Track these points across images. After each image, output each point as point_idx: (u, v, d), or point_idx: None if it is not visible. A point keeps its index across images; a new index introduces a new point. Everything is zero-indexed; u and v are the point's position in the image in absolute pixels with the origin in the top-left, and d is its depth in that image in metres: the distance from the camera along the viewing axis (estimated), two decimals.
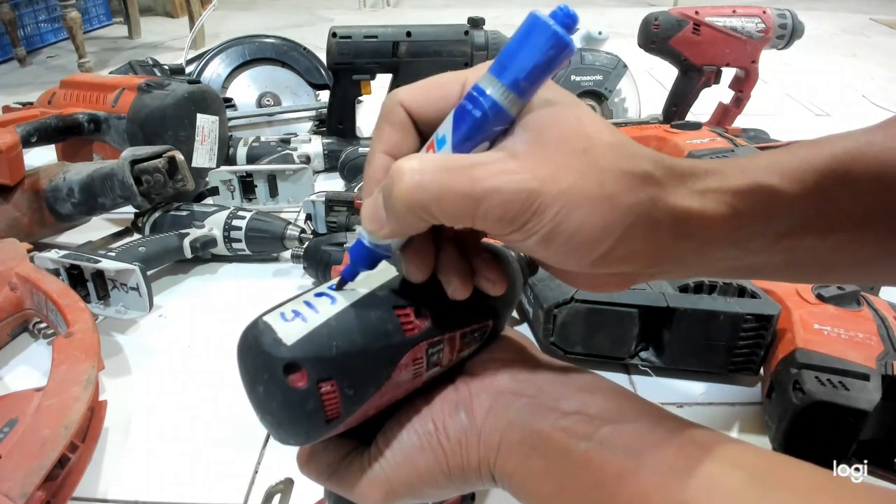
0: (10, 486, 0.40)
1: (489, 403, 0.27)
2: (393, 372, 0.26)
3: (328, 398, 0.24)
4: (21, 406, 0.47)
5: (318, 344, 0.24)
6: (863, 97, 1.48)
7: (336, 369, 0.24)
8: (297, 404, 0.24)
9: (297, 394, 0.24)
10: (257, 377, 0.25)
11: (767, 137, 1.04)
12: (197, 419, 0.56)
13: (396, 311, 0.26)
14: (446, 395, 0.28)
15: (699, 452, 0.23)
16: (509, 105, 0.22)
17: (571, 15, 0.21)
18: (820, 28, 2.15)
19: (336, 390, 0.24)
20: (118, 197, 0.75)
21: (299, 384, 0.24)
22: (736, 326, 0.56)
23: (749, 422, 0.55)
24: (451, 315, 0.27)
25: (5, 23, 1.81)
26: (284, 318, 0.25)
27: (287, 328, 0.24)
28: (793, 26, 1.05)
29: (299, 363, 0.24)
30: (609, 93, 1.12)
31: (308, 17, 2.49)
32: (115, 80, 0.91)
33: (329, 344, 0.24)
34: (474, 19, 1.04)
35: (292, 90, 1.21)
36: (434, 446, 0.27)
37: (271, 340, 0.24)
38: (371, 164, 0.26)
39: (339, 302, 0.26)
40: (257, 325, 0.25)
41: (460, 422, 0.27)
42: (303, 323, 0.25)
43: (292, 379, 0.24)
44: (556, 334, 0.59)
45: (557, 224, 0.21)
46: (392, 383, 0.26)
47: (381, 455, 0.27)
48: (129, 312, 0.66)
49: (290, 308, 0.25)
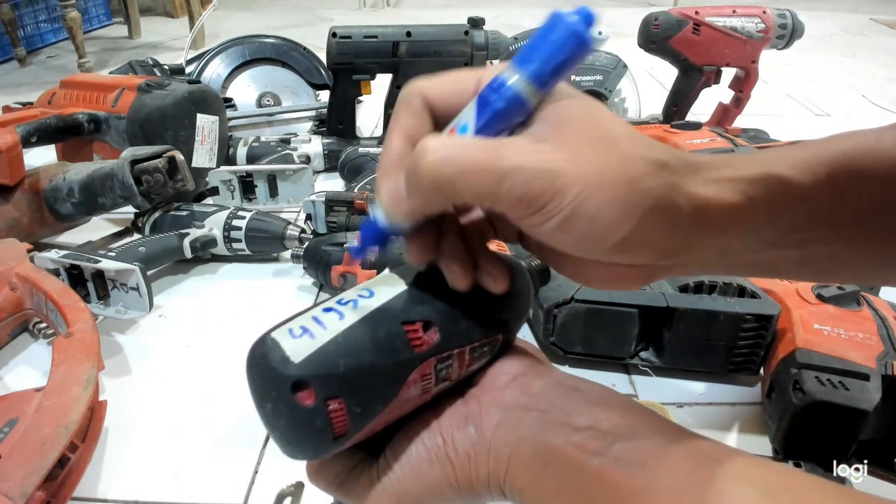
0: (11, 486, 0.40)
1: (499, 418, 0.27)
2: (401, 388, 0.26)
3: (336, 416, 0.24)
4: (21, 406, 0.47)
5: (326, 361, 0.24)
6: (863, 97, 1.48)
7: (344, 387, 0.24)
8: (304, 422, 0.24)
9: (305, 412, 0.24)
10: (265, 394, 0.25)
11: (767, 137, 1.04)
12: (197, 419, 0.56)
13: (405, 327, 0.26)
14: (455, 409, 0.28)
15: (713, 469, 0.23)
16: (530, 96, 0.23)
17: (591, 15, 0.22)
18: (820, 28, 2.15)
19: (344, 408, 0.24)
20: (118, 197, 0.75)
21: (307, 402, 0.24)
22: (736, 326, 0.55)
23: (749, 422, 0.55)
24: (460, 329, 0.27)
25: (5, 23, 1.81)
26: (292, 335, 0.25)
27: (295, 345, 0.24)
28: (793, 26, 1.05)
29: (307, 381, 0.24)
30: (609, 93, 1.12)
31: (308, 17, 2.49)
32: (115, 80, 0.91)
33: (337, 361, 0.24)
34: (474, 19, 1.04)
35: (292, 90, 1.21)
36: (442, 459, 0.27)
37: (279, 358, 0.24)
38: (389, 145, 0.26)
39: (348, 317, 0.26)
40: (265, 342, 0.25)
41: (469, 436, 0.27)
42: (310, 339, 0.25)
43: (300, 397, 0.24)
44: (556, 334, 0.59)
45: (578, 206, 0.21)
46: (400, 399, 0.26)
47: (390, 468, 0.27)
48: (129, 312, 0.66)
49: (298, 324, 0.25)
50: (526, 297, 0.30)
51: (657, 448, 0.24)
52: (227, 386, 0.58)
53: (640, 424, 0.25)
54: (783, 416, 0.49)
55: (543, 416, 0.26)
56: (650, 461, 0.24)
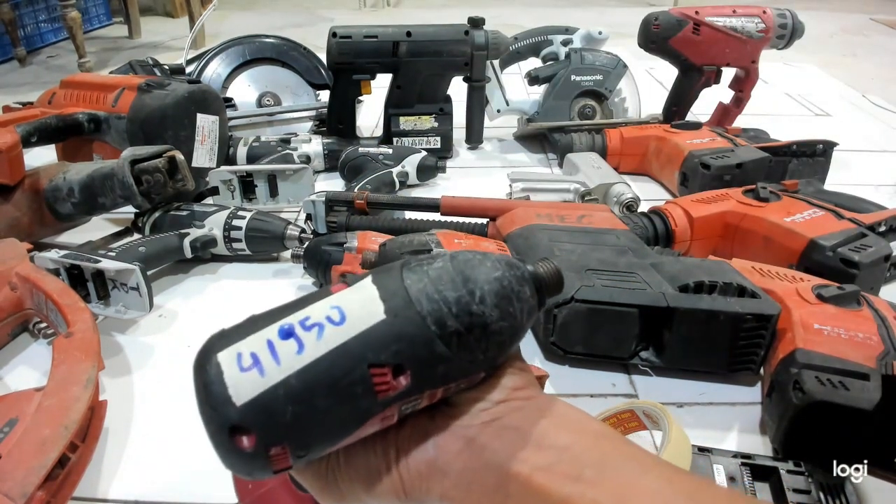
0: (11, 486, 0.40)
1: (463, 444, 0.26)
2: (356, 431, 0.24)
3: (277, 459, 0.23)
4: (21, 406, 0.47)
5: (272, 409, 0.22)
6: (863, 97, 1.48)
7: (288, 435, 0.23)
8: (242, 461, 0.23)
9: (243, 454, 0.22)
10: (206, 422, 0.23)
11: (767, 137, 1.04)
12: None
13: (371, 370, 0.23)
14: (419, 422, 0.27)
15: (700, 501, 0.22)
16: None
17: None
18: (820, 28, 2.15)
19: (286, 453, 0.23)
20: (118, 197, 0.75)
21: (245, 446, 0.22)
22: (736, 326, 0.55)
23: (749, 422, 0.55)
24: (436, 373, 0.24)
25: (5, 23, 1.81)
26: (241, 366, 0.23)
27: (240, 382, 0.22)
28: (793, 26, 1.05)
29: (248, 428, 0.22)
30: (609, 93, 1.12)
31: (308, 17, 2.49)
32: (115, 80, 0.91)
33: (284, 409, 0.22)
34: (474, 19, 1.04)
35: (292, 90, 1.21)
36: (392, 472, 0.26)
37: (220, 396, 0.22)
38: None
39: (307, 351, 0.23)
40: (209, 365, 0.23)
41: (426, 454, 0.26)
42: (259, 378, 0.22)
43: (239, 440, 0.22)
44: (556, 334, 0.59)
45: None
46: (354, 437, 0.24)
47: (339, 467, 0.27)
48: (129, 312, 0.66)
49: (250, 350, 0.23)
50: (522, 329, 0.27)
51: (632, 479, 0.23)
52: None
53: (612, 452, 0.24)
54: (783, 416, 0.49)
55: (512, 443, 0.25)
56: (625, 493, 0.23)
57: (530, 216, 0.72)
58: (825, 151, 0.95)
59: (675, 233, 0.75)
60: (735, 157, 0.89)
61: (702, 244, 0.76)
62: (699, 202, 0.77)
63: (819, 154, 0.95)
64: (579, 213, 0.74)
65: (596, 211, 0.75)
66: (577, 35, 1.17)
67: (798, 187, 0.82)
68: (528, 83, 1.18)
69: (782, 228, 0.69)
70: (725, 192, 0.79)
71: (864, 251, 0.64)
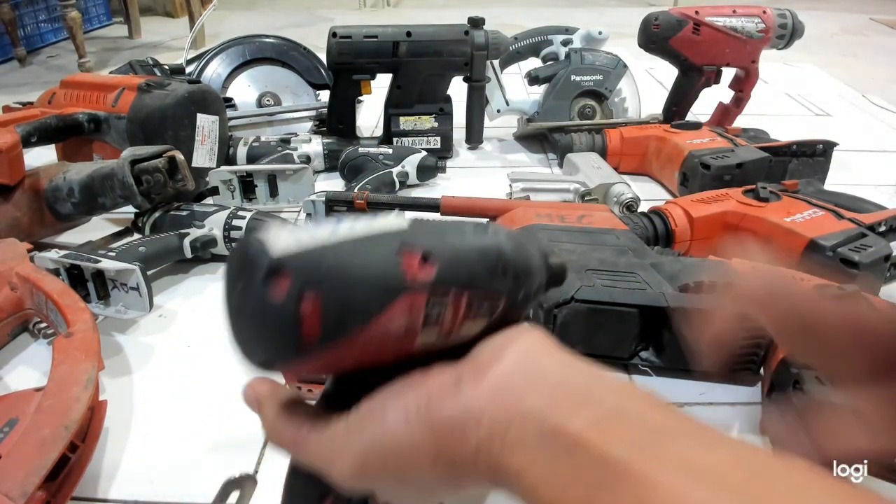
0: (11, 486, 0.40)
1: (499, 384, 0.23)
2: (384, 311, 0.23)
3: (308, 314, 0.22)
4: (21, 406, 0.47)
5: (309, 255, 0.22)
6: (863, 97, 1.48)
7: (324, 282, 0.22)
8: (273, 312, 0.22)
9: (276, 302, 0.22)
10: (237, 278, 0.23)
11: (767, 137, 1.04)
12: (197, 419, 0.56)
13: (403, 249, 0.24)
14: (446, 368, 0.24)
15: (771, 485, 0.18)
16: None
17: None
18: (820, 28, 2.15)
19: (318, 308, 0.22)
20: (118, 197, 0.75)
21: (281, 289, 0.22)
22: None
23: (749, 422, 0.55)
24: (460, 272, 0.25)
25: (5, 23, 1.81)
26: (278, 234, 0.23)
27: (279, 238, 0.23)
28: (793, 26, 1.05)
29: (285, 267, 0.22)
30: (609, 93, 1.12)
31: (308, 17, 2.49)
32: (115, 80, 0.91)
33: (321, 258, 0.22)
34: (474, 19, 1.04)
35: (292, 90, 1.21)
36: (421, 423, 0.23)
37: (259, 245, 0.22)
38: None
39: (342, 230, 0.24)
40: (248, 238, 0.24)
41: (458, 400, 0.23)
42: (298, 239, 0.23)
43: (275, 283, 0.22)
44: (555, 334, 0.59)
45: None
46: (380, 326, 0.23)
47: (361, 424, 0.24)
48: (129, 312, 0.66)
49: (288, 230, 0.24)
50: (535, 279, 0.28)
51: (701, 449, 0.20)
52: (227, 386, 0.58)
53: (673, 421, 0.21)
54: None
55: (555, 392, 0.22)
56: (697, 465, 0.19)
57: (530, 216, 0.72)
58: (825, 151, 0.95)
59: (675, 233, 0.75)
60: (735, 157, 0.89)
61: (702, 244, 0.76)
62: (699, 202, 0.77)
63: (819, 154, 0.95)
64: (579, 213, 0.74)
65: (596, 211, 0.75)
66: (576, 35, 1.17)
67: (798, 187, 0.82)
68: (528, 83, 1.18)
69: (782, 228, 0.69)
70: (725, 192, 0.79)
71: (864, 251, 0.64)
